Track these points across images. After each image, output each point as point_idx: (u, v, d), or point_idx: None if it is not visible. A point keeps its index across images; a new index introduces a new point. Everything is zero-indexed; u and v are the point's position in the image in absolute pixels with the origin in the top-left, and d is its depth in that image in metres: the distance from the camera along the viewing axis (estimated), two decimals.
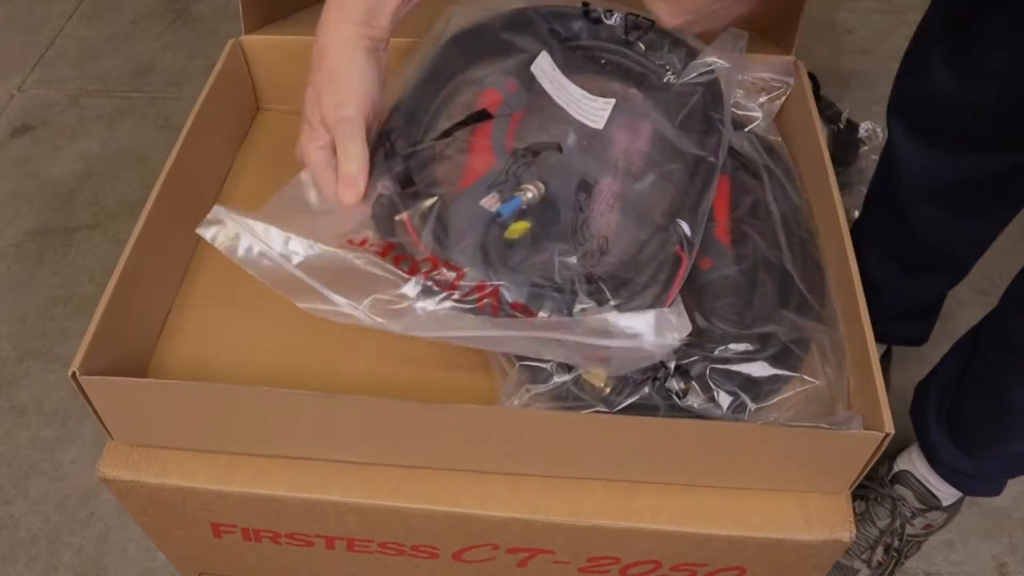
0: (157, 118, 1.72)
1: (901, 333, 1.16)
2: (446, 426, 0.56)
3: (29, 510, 1.16)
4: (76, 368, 0.55)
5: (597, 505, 0.58)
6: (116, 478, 0.60)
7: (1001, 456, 0.94)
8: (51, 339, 1.35)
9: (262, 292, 0.70)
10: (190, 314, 0.70)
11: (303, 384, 0.63)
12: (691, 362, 0.57)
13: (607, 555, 0.61)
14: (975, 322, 0.93)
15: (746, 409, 0.56)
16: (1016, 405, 0.85)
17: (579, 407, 0.56)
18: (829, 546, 0.57)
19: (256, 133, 0.86)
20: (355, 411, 0.56)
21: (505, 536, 0.60)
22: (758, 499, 0.58)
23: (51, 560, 1.11)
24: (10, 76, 1.83)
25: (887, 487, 1.06)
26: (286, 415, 0.57)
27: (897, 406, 0.55)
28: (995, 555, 1.09)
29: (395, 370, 0.65)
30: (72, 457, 1.21)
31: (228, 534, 0.65)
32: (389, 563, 0.66)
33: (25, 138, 1.69)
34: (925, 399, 1.00)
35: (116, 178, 1.60)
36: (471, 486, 0.59)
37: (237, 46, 0.82)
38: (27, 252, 1.48)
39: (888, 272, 1.04)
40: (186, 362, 0.66)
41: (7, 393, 1.29)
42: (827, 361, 0.59)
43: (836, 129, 1.48)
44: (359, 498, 0.59)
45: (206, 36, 1.91)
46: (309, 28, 0.87)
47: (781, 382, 0.58)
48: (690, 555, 0.60)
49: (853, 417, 0.55)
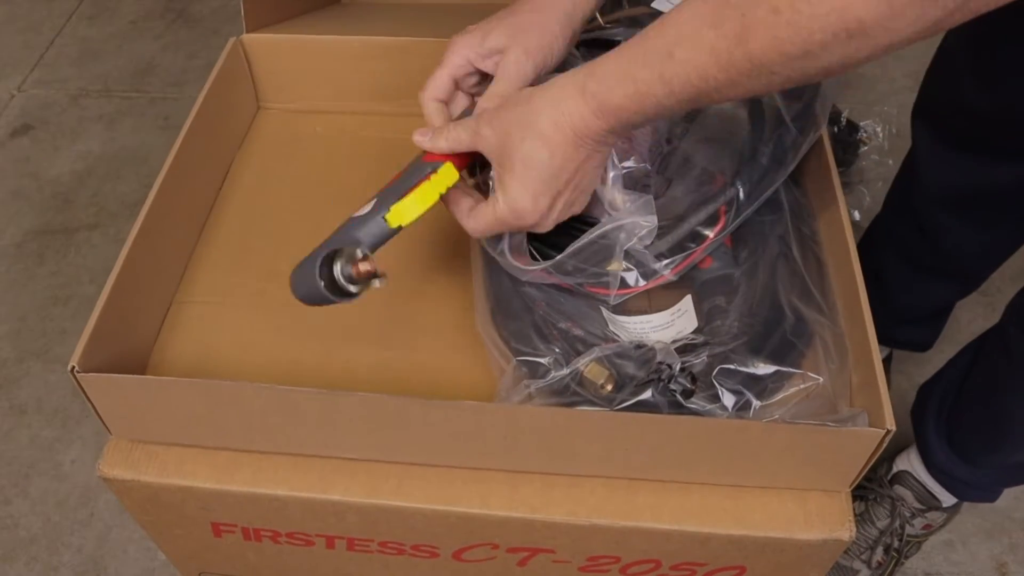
0: (157, 118, 1.72)
1: (907, 338, 1.15)
2: (446, 423, 0.56)
3: (29, 510, 1.16)
4: (75, 364, 0.55)
5: (597, 504, 0.58)
6: (116, 477, 0.60)
7: (997, 465, 0.95)
8: (51, 339, 1.35)
9: (262, 289, 0.71)
10: (190, 310, 0.70)
11: (302, 380, 0.63)
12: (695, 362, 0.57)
13: (607, 554, 0.61)
14: (975, 323, 0.93)
15: (751, 407, 0.56)
16: (1013, 416, 0.86)
17: (579, 403, 0.56)
18: (829, 545, 0.57)
19: (256, 132, 0.86)
20: (355, 408, 0.56)
21: (505, 535, 0.60)
22: (758, 498, 0.58)
23: (51, 560, 1.11)
24: (10, 76, 1.83)
25: (886, 487, 1.06)
26: (286, 412, 0.57)
27: (897, 406, 0.54)
28: (995, 555, 1.09)
29: (395, 367, 0.65)
30: (72, 457, 1.21)
31: (228, 533, 0.65)
32: (389, 562, 0.66)
33: (25, 138, 1.69)
34: (926, 403, 1.00)
35: (116, 178, 1.60)
36: (471, 485, 0.59)
37: (238, 45, 0.82)
38: (27, 252, 1.48)
39: (902, 275, 1.04)
40: (186, 358, 0.66)
41: (7, 393, 1.28)
42: (829, 357, 0.59)
43: (836, 129, 1.48)
44: (359, 497, 0.59)
45: (206, 36, 1.91)
46: (310, 28, 0.87)
47: (784, 379, 0.58)
48: (690, 554, 0.60)
49: (859, 414, 0.55)
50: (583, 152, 0.52)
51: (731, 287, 0.63)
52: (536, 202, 0.53)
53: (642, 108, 0.49)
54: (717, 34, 0.44)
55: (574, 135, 0.51)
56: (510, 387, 0.57)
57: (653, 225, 0.57)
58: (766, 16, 0.42)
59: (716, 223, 0.61)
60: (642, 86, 0.48)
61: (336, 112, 0.87)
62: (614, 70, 0.49)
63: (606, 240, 0.57)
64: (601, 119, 0.50)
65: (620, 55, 0.49)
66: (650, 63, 0.47)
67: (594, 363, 0.57)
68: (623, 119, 0.50)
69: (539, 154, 0.52)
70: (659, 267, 0.59)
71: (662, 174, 0.62)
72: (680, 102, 0.48)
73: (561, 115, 0.51)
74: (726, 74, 0.45)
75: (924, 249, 0.99)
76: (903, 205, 1.01)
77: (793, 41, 0.41)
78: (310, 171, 0.82)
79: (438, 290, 0.70)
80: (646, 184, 0.60)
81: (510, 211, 0.54)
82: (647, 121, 0.51)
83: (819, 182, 0.71)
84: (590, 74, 0.50)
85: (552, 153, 0.52)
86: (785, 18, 0.41)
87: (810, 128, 0.65)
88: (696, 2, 0.46)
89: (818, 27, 0.41)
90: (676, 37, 0.46)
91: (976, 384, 0.92)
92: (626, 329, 0.62)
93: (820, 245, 0.68)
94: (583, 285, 0.60)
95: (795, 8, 0.41)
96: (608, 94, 0.49)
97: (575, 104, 0.50)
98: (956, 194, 0.91)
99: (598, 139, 0.52)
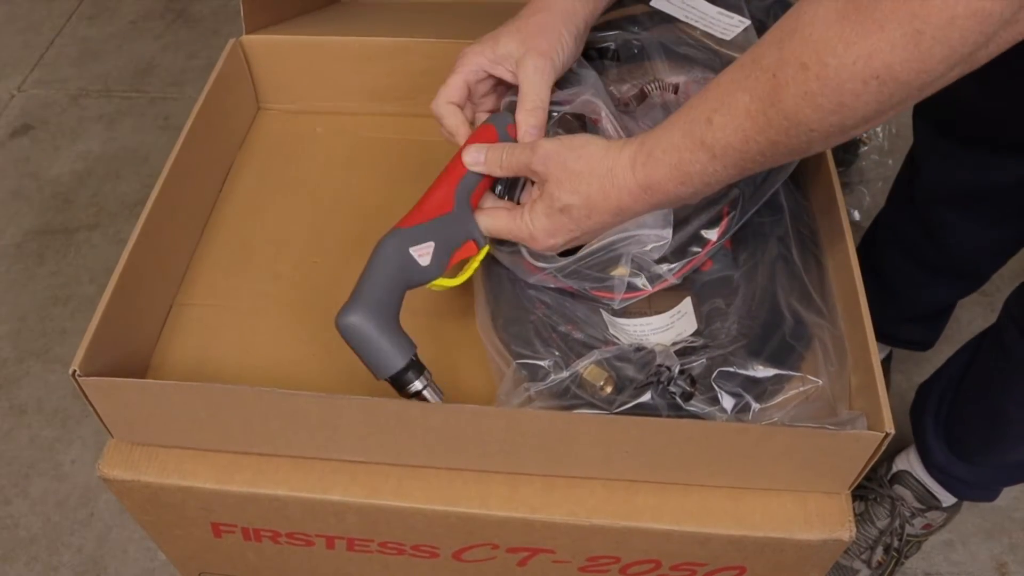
0: (157, 118, 1.72)
1: (908, 337, 1.16)
2: (445, 426, 0.56)
3: (29, 510, 1.16)
4: (76, 367, 0.55)
5: (597, 504, 0.58)
6: (116, 477, 0.60)
7: (995, 464, 0.95)
8: (51, 339, 1.35)
9: (263, 291, 0.71)
10: (190, 313, 0.70)
11: (303, 383, 0.63)
12: (695, 364, 0.57)
13: (607, 554, 0.61)
14: (975, 323, 0.93)
15: (750, 410, 0.56)
16: (1009, 415, 0.86)
17: (578, 405, 0.56)
18: (829, 546, 0.57)
19: (256, 133, 0.86)
20: (355, 412, 0.56)
21: (505, 536, 0.60)
22: (758, 498, 0.58)
23: (51, 560, 1.11)
24: (10, 76, 1.83)
25: (886, 487, 1.06)
26: (286, 416, 0.57)
27: (897, 406, 0.55)
28: (995, 555, 1.09)
29: None
30: (72, 457, 1.21)
31: (228, 534, 0.65)
32: (389, 563, 0.66)
33: (25, 138, 1.69)
34: (925, 402, 1.00)
35: (116, 178, 1.60)
36: (471, 486, 0.59)
37: (238, 46, 0.82)
38: (27, 252, 1.48)
39: (905, 274, 1.04)
40: (186, 361, 0.66)
41: (7, 393, 1.29)
42: (828, 360, 0.59)
43: None
44: (359, 498, 0.59)
45: (206, 36, 1.91)
46: (310, 29, 0.87)
47: (783, 381, 0.58)
48: (690, 554, 0.60)
49: (858, 416, 0.55)
50: (619, 218, 0.55)
51: (731, 289, 0.63)
52: (552, 238, 0.57)
53: (688, 180, 0.50)
54: (752, 96, 0.45)
55: (617, 207, 0.54)
56: (510, 390, 0.58)
57: (667, 238, 0.58)
58: (796, 73, 0.43)
59: (719, 224, 0.61)
60: (686, 154, 0.49)
61: (336, 112, 0.87)
62: (662, 139, 0.51)
63: (614, 250, 0.58)
64: (648, 193, 0.52)
65: (667, 125, 0.51)
66: (690, 131, 0.49)
67: (593, 365, 0.57)
68: (670, 193, 0.51)
69: (578, 209, 0.55)
70: (663, 271, 0.60)
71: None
72: (726, 168, 0.49)
73: (612, 187, 0.53)
74: (764, 135, 0.45)
75: (926, 247, 0.99)
76: (905, 202, 1.01)
77: (824, 94, 0.42)
78: (310, 172, 0.82)
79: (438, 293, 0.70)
80: None
81: (528, 234, 0.57)
82: (696, 195, 0.52)
83: (819, 182, 0.71)
84: (641, 144, 0.52)
85: (589, 214, 0.55)
86: (814, 72, 0.42)
87: None
88: (733, 68, 0.47)
89: (847, 76, 0.41)
90: (715, 103, 0.47)
91: (973, 384, 0.92)
92: (626, 332, 0.62)
93: (820, 246, 0.68)
94: (588, 289, 0.61)
95: (822, 62, 0.41)
96: (655, 166, 0.51)
97: (624, 177, 0.52)
98: (958, 191, 0.91)
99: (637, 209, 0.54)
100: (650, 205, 0.53)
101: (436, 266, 0.58)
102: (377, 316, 0.55)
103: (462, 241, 0.59)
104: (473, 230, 0.60)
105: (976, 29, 0.38)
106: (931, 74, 0.40)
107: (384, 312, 0.56)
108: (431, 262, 0.58)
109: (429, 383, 0.56)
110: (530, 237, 0.57)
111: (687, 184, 0.50)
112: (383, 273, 0.57)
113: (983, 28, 0.38)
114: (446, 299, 0.69)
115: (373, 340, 0.55)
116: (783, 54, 0.43)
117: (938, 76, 0.41)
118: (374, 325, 0.55)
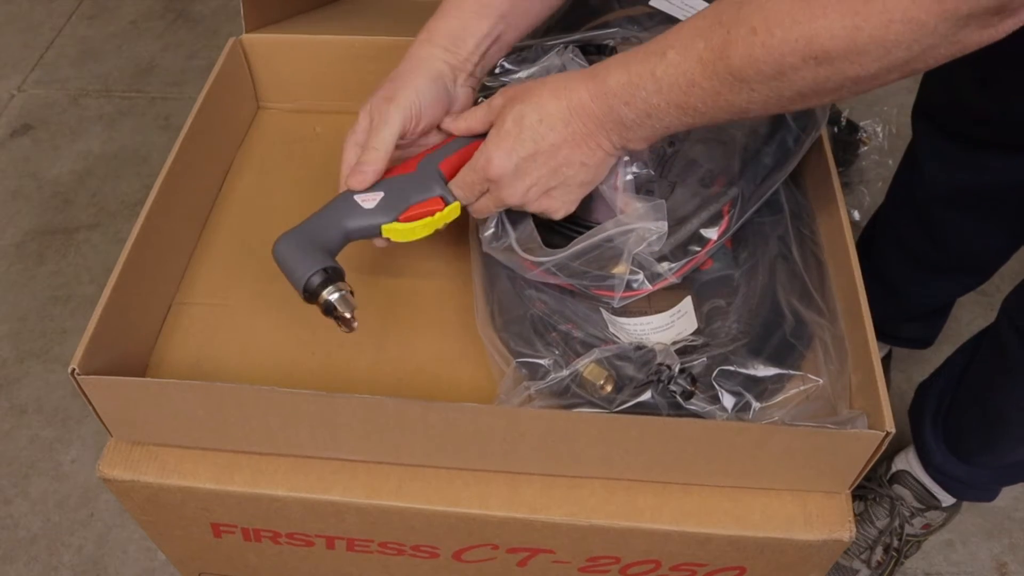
0: (157, 118, 1.72)
1: (909, 335, 1.16)
2: (445, 425, 0.56)
3: (29, 510, 1.16)
4: (75, 366, 0.55)
5: (597, 504, 0.58)
6: (116, 478, 0.60)
7: (993, 465, 0.95)
8: (51, 339, 1.35)
9: (262, 290, 0.71)
10: (190, 312, 0.70)
11: (303, 382, 0.63)
12: (695, 363, 0.57)
13: (607, 555, 0.61)
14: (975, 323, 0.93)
15: (751, 408, 0.56)
16: (1007, 415, 0.86)
17: (578, 404, 0.56)
18: (829, 546, 0.57)
19: (256, 132, 0.86)
20: (355, 410, 0.56)
21: (505, 536, 0.60)
22: (758, 499, 0.58)
23: (51, 560, 1.11)
24: (10, 76, 1.83)
25: (885, 487, 1.06)
26: (286, 415, 0.57)
27: (896, 405, 0.54)
28: (995, 555, 1.09)
29: (394, 368, 0.65)
30: (72, 457, 1.21)
31: (228, 534, 0.65)
32: (389, 563, 0.66)
33: (25, 138, 1.69)
34: (924, 402, 1.00)
35: (116, 178, 1.60)
36: (471, 486, 0.59)
37: (237, 45, 0.82)
38: (27, 252, 1.48)
39: (906, 273, 1.04)
40: (186, 360, 0.66)
41: (7, 393, 1.28)
42: (829, 359, 0.59)
43: (836, 129, 1.48)
44: (359, 498, 0.59)
45: (206, 36, 1.91)
46: (310, 28, 0.87)
47: (784, 380, 0.58)
48: (690, 555, 0.60)
49: (858, 416, 0.55)
50: (571, 129, 0.55)
51: (731, 288, 0.63)
52: (508, 157, 0.56)
53: (632, 100, 0.52)
54: (706, 45, 0.48)
55: (568, 108, 0.54)
56: (510, 389, 0.58)
57: (663, 230, 0.57)
58: (746, 35, 0.46)
59: (719, 223, 0.61)
60: (635, 77, 0.51)
61: (336, 112, 0.87)
62: (617, 60, 0.53)
63: (614, 243, 0.58)
64: (595, 101, 0.53)
65: (626, 52, 0.53)
66: (646, 59, 0.51)
67: (593, 364, 0.57)
68: (615, 109, 0.53)
69: (529, 116, 0.55)
70: (663, 270, 0.59)
71: (665, 178, 0.62)
72: (668, 106, 0.51)
73: (562, 89, 0.55)
74: (710, 82, 0.48)
75: (926, 245, 0.99)
76: (905, 201, 1.02)
77: (767, 61, 0.45)
78: (310, 171, 0.82)
79: (438, 292, 0.70)
80: (649, 189, 0.60)
81: (484, 159, 0.57)
82: (636, 122, 0.53)
83: (819, 182, 0.71)
84: (597, 64, 0.54)
85: (541, 118, 0.55)
86: (760, 39, 0.45)
87: (811, 127, 0.65)
88: (699, 15, 0.50)
89: (788, 51, 0.44)
90: (673, 41, 0.50)
91: (972, 384, 0.92)
92: (626, 331, 0.62)
93: (820, 246, 0.68)
94: (588, 288, 0.60)
95: (770, 31, 0.45)
96: (605, 76, 0.53)
97: (576, 83, 0.54)
98: (958, 190, 0.91)
99: (588, 124, 0.54)
100: (597, 119, 0.54)
101: (383, 212, 0.59)
102: (300, 241, 0.58)
103: (425, 197, 0.60)
104: (439, 189, 0.60)
105: (910, 37, 0.41)
106: (865, 69, 0.43)
107: (312, 241, 0.58)
108: (376, 207, 0.59)
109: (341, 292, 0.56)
110: (487, 163, 0.57)
111: (631, 105, 0.52)
112: (320, 213, 0.59)
113: (916, 37, 0.41)
114: (446, 299, 0.69)
115: (290, 259, 0.57)
116: (740, 14, 0.46)
117: (871, 75, 0.44)
118: (296, 246, 0.57)
